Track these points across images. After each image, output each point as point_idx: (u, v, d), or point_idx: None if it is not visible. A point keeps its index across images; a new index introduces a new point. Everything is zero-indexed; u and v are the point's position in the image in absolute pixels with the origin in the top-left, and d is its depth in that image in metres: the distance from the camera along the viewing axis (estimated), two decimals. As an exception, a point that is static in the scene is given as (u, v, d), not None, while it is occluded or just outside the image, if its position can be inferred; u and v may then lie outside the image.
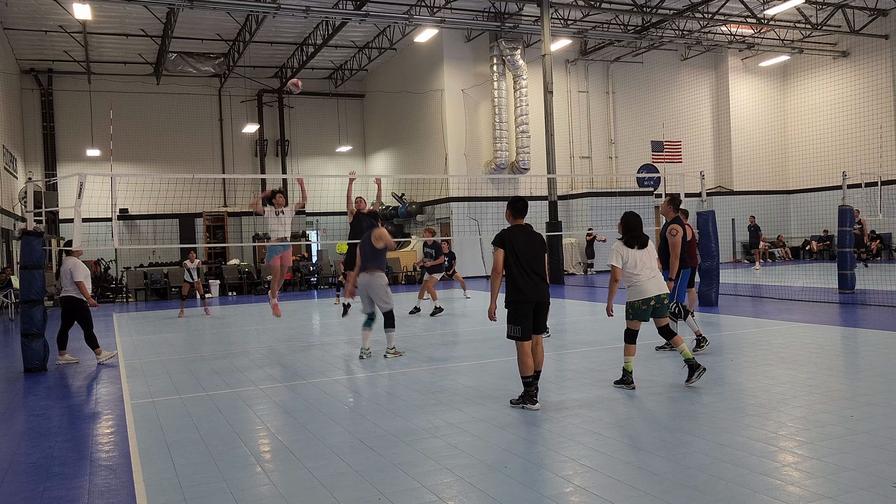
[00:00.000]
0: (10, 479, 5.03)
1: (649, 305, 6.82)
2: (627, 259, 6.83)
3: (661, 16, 23.05)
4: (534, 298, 6.22)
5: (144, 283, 22.92)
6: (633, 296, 6.89)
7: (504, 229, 6.43)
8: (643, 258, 6.85)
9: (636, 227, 6.93)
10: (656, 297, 6.83)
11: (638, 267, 6.82)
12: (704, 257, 14.20)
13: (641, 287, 6.82)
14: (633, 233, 6.91)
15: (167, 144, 28.99)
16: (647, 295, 6.80)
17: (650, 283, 6.82)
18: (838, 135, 27.69)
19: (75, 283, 9.80)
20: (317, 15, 20.08)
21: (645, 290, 6.81)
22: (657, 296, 6.83)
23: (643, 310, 6.84)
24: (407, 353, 9.64)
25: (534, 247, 6.29)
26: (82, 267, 9.91)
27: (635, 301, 6.85)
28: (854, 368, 7.52)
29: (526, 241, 6.27)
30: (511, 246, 6.21)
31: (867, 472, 4.39)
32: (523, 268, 6.21)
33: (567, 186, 27.40)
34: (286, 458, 5.21)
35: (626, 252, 6.84)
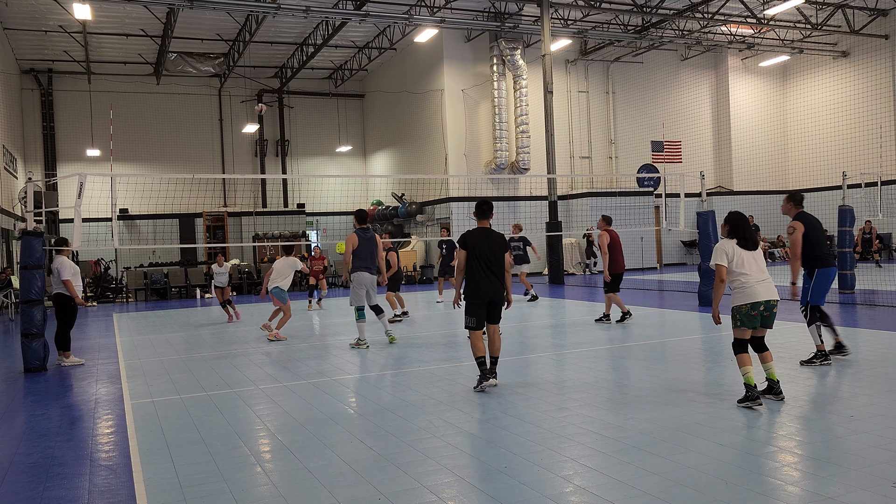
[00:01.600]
0: (10, 479, 5.03)
1: (759, 311, 6.08)
2: (734, 257, 6.12)
3: (661, 16, 23.06)
4: (488, 296, 6.87)
5: (144, 283, 22.93)
6: (739, 299, 6.13)
7: (467, 231, 7.05)
8: (751, 258, 6.16)
9: (745, 225, 6.22)
10: (766, 303, 6.08)
11: (746, 266, 6.11)
12: (704, 257, 14.22)
13: (750, 290, 6.07)
14: (741, 231, 6.20)
15: (167, 144, 28.99)
16: (757, 298, 6.05)
17: (760, 285, 6.08)
18: (838, 135, 27.69)
19: (63, 282, 9.79)
20: (317, 15, 20.08)
21: (754, 292, 6.06)
22: (767, 301, 6.09)
23: (752, 315, 6.08)
24: (407, 354, 9.65)
25: (493, 247, 6.87)
26: (69, 265, 9.87)
27: (742, 305, 6.10)
28: (854, 368, 7.52)
29: (486, 242, 6.86)
30: (472, 247, 6.83)
31: (867, 472, 4.39)
32: (481, 267, 6.85)
33: (567, 186, 27.40)
34: (286, 458, 5.21)
35: (731, 250, 6.14)
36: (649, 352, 9.05)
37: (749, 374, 6.02)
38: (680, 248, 29.10)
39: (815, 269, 7.87)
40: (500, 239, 6.99)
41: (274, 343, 11.28)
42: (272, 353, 10.29)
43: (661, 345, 9.60)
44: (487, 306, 6.96)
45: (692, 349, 9.18)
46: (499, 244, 6.96)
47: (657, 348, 9.34)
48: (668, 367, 8.00)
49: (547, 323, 12.55)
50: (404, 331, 12.08)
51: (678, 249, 29.06)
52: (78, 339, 13.16)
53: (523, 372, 7.96)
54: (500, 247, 6.96)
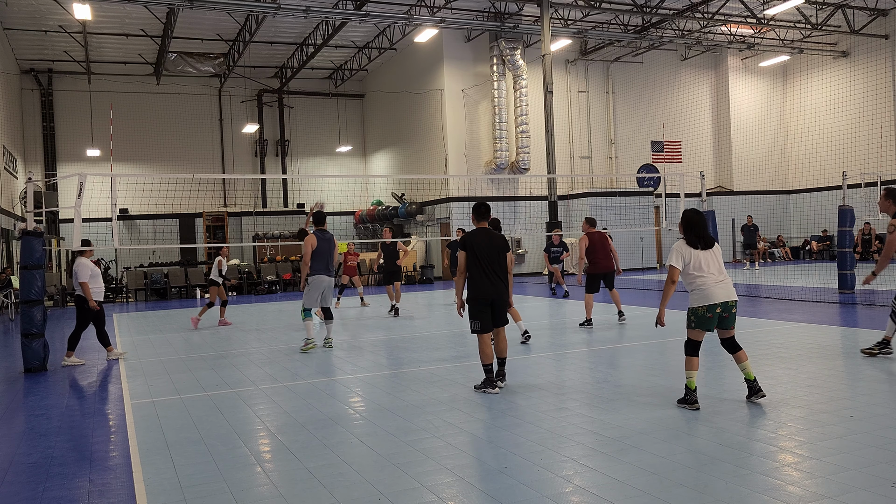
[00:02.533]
0: (10, 479, 5.03)
1: (715, 313, 6.06)
2: (690, 259, 6.10)
3: (661, 16, 23.06)
4: (490, 296, 6.80)
5: (144, 283, 22.94)
6: (695, 301, 6.11)
7: (467, 232, 7.11)
8: (708, 259, 6.13)
9: (700, 225, 6.22)
10: (723, 304, 6.07)
11: (703, 268, 6.08)
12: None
13: (707, 291, 6.04)
14: (695, 231, 6.19)
15: (167, 144, 28.99)
16: (713, 301, 6.03)
17: (717, 287, 6.05)
18: (838, 135, 27.69)
19: (79, 284, 9.80)
20: (317, 15, 20.08)
21: (711, 294, 6.04)
22: (724, 302, 6.07)
23: (708, 318, 6.07)
24: (408, 354, 9.65)
25: (493, 248, 6.83)
26: (87, 268, 9.87)
27: (698, 307, 6.09)
28: (854, 368, 7.52)
29: (486, 243, 6.82)
30: (472, 248, 6.80)
31: (867, 472, 4.39)
32: (482, 268, 6.80)
33: (567, 186, 27.40)
34: (286, 458, 5.21)
35: (688, 252, 6.13)
36: (649, 352, 9.06)
37: (692, 379, 6.11)
38: (680, 248, 29.05)
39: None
40: (500, 240, 6.97)
41: (274, 343, 11.28)
42: (272, 353, 10.29)
43: (660, 345, 9.60)
44: (492, 308, 6.89)
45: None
46: (499, 245, 6.95)
47: (657, 348, 9.34)
48: (668, 367, 8.00)
49: (546, 323, 12.55)
50: (405, 330, 12.09)
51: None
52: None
53: (523, 372, 7.96)
54: (501, 247, 6.94)
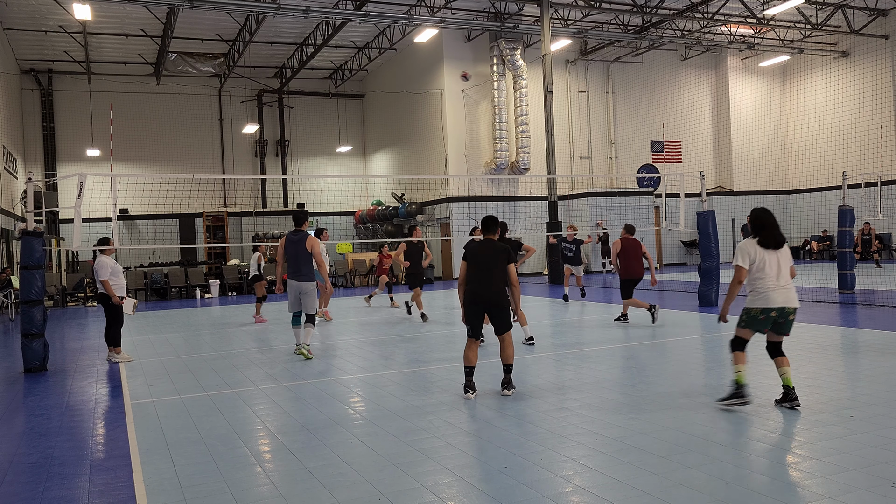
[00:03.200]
0: (10, 479, 5.03)
1: (769, 316, 5.87)
2: (755, 259, 5.91)
3: (661, 16, 23.06)
4: (482, 298, 6.79)
5: (144, 283, 22.93)
6: (752, 302, 5.96)
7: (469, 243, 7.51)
8: (774, 260, 5.90)
9: (771, 223, 5.98)
10: (779, 310, 5.85)
11: (765, 270, 5.88)
12: (704, 257, 14.22)
13: (765, 294, 5.87)
14: (768, 230, 5.95)
15: (167, 144, 28.99)
16: (770, 304, 5.84)
17: (776, 291, 5.84)
18: (838, 135, 27.69)
19: (101, 282, 9.83)
20: (317, 15, 20.08)
21: (769, 298, 5.85)
22: (781, 308, 5.85)
23: (760, 319, 5.90)
24: (408, 354, 9.65)
25: (490, 256, 6.86)
26: (107, 265, 9.89)
27: (753, 308, 5.94)
28: (854, 368, 7.53)
29: (485, 253, 6.89)
30: (473, 258, 6.93)
31: (867, 472, 4.39)
32: (478, 275, 6.85)
33: (567, 186, 27.40)
34: (286, 458, 5.21)
35: (754, 251, 5.92)
36: (649, 352, 9.06)
37: (741, 373, 5.96)
38: (680, 248, 29.11)
39: None
40: (501, 248, 6.90)
41: (274, 343, 11.28)
42: (272, 353, 10.29)
43: (661, 345, 9.61)
44: (487, 314, 6.85)
45: (692, 349, 9.19)
46: (499, 252, 6.86)
47: (657, 348, 9.34)
48: (668, 367, 8.00)
49: (547, 323, 12.55)
50: (405, 331, 12.08)
51: (678, 249, 29.07)
52: (78, 338, 13.17)
53: (523, 372, 7.96)
54: (501, 255, 6.85)
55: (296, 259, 9.48)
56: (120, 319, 10.06)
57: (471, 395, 6.79)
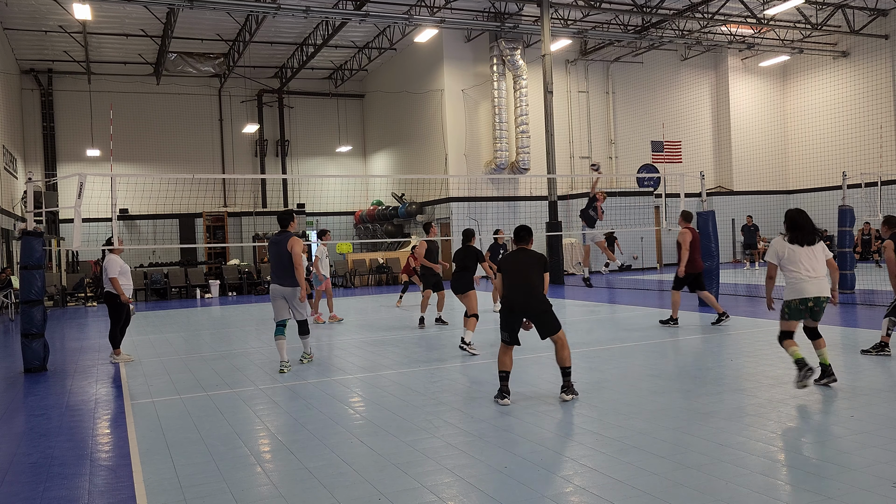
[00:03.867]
0: (10, 479, 5.03)
1: (807, 306, 6.54)
2: (784, 255, 6.58)
3: (661, 16, 23.06)
4: (515, 302, 6.69)
5: (144, 283, 22.93)
6: (789, 294, 6.60)
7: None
8: (805, 256, 6.54)
9: (804, 224, 6.62)
10: (815, 300, 6.52)
11: (797, 263, 6.53)
12: (704, 258, 14.20)
13: (800, 286, 6.51)
14: (800, 231, 6.61)
15: (167, 144, 28.99)
16: (805, 295, 6.49)
17: (810, 283, 6.49)
18: (838, 135, 27.69)
19: (109, 280, 9.84)
20: (317, 15, 20.08)
21: (803, 289, 6.50)
22: (816, 297, 6.52)
23: (800, 309, 6.56)
24: (408, 354, 9.64)
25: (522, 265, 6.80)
26: (116, 264, 9.90)
27: (792, 300, 6.57)
28: (854, 368, 7.52)
29: (518, 261, 6.84)
30: (506, 267, 6.91)
31: (867, 472, 4.39)
32: (510, 282, 6.79)
33: (567, 186, 27.40)
34: (286, 458, 5.21)
35: (784, 248, 6.59)
36: (649, 352, 9.06)
37: (797, 352, 6.43)
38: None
39: None
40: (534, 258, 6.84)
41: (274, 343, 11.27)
42: (272, 352, 10.29)
43: (660, 345, 9.61)
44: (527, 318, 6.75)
45: (692, 349, 9.19)
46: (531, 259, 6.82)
47: (656, 348, 9.34)
48: (668, 367, 8.00)
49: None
50: (405, 330, 12.08)
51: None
52: (78, 338, 13.17)
53: (523, 372, 7.96)
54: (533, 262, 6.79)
55: (279, 262, 8.74)
56: (121, 319, 10.04)
57: (507, 402, 6.50)
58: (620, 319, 12.65)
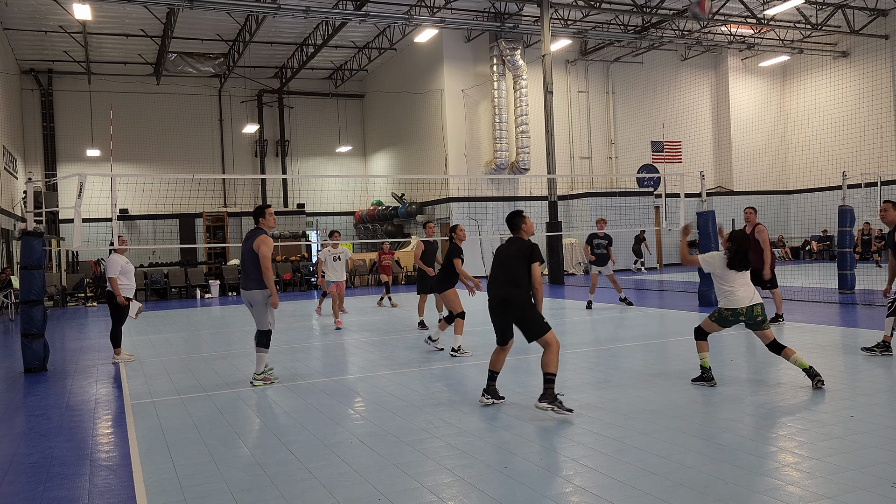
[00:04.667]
0: (10, 479, 5.03)
1: (738, 318, 6.69)
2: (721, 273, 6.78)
3: (661, 16, 23.06)
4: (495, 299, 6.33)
5: (144, 283, 22.93)
6: (723, 304, 6.79)
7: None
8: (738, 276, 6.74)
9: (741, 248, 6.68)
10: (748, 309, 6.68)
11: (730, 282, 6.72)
12: (704, 257, 14.18)
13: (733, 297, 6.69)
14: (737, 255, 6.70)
15: (167, 144, 29.00)
16: (738, 305, 6.67)
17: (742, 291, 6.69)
18: (838, 135, 27.69)
19: (108, 279, 9.86)
20: (317, 15, 20.08)
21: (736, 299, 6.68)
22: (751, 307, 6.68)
23: (729, 319, 6.75)
24: (408, 354, 9.64)
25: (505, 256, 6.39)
26: (117, 264, 9.92)
27: (725, 309, 6.77)
28: (854, 368, 7.52)
29: (503, 252, 6.46)
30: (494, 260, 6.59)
31: (867, 472, 4.39)
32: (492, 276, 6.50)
33: (567, 186, 27.40)
34: (286, 458, 5.21)
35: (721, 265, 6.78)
36: (650, 352, 9.05)
37: (705, 359, 6.93)
38: (680, 248, 29.07)
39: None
40: (519, 246, 6.34)
41: (274, 343, 11.27)
42: (272, 353, 10.28)
43: (661, 345, 9.60)
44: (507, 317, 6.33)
45: (692, 349, 9.18)
46: (516, 250, 6.32)
47: (657, 348, 9.34)
48: (669, 367, 8.00)
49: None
50: (405, 331, 12.08)
51: (678, 249, 29.05)
52: (78, 338, 13.17)
53: (523, 372, 7.96)
54: (517, 253, 6.30)
55: (243, 263, 7.81)
56: (120, 319, 10.05)
57: (486, 400, 6.41)
58: (621, 319, 12.65)
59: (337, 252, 13.06)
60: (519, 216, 6.57)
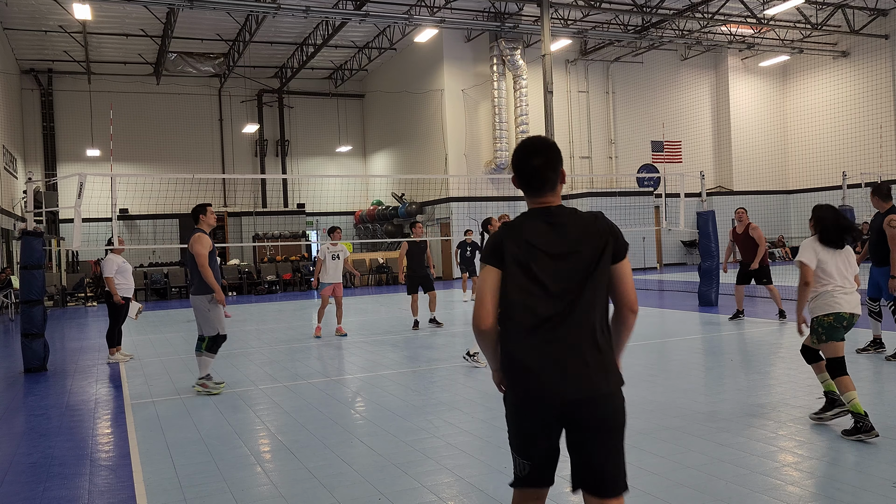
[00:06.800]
0: (10, 479, 5.03)
1: (842, 326, 5.21)
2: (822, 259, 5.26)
3: (661, 16, 23.05)
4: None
5: (144, 283, 22.93)
6: (818, 309, 5.28)
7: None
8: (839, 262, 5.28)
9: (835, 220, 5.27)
10: (849, 317, 5.22)
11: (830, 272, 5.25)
12: (704, 257, 14.21)
13: (831, 299, 5.22)
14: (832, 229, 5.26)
15: (167, 144, 28.99)
16: (840, 309, 5.20)
17: (845, 296, 5.23)
18: (838, 135, 27.69)
19: (105, 279, 9.87)
20: (317, 15, 20.06)
21: (836, 302, 5.21)
22: (851, 315, 5.23)
23: (836, 328, 5.20)
24: (408, 354, 9.64)
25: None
26: (113, 263, 9.92)
27: (824, 316, 5.24)
28: (854, 368, 7.51)
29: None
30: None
31: (867, 472, 4.39)
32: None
33: (567, 186, 27.40)
34: (286, 458, 5.21)
35: (821, 250, 5.26)
36: (649, 352, 9.05)
37: (855, 401, 5.01)
38: (680, 248, 29.10)
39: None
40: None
41: (274, 343, 11.27)
42: (272, 353, 10.29)
43: (660, 345, 9.60)
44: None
45: (692, 349, 9.19)
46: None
47: (657, 348, 9.34)
48: (668, 367, 8.00)
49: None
50: (404, 331, 12.08)
51: (678, 249, 29.07)
52: (78, 338, 13.17)
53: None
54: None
55: (188, 266, 7.46)
56: (119, 319, 10.06)
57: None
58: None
59: (336, 250, 12.07)
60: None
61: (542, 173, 2.70)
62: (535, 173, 2.71)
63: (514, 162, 2.81)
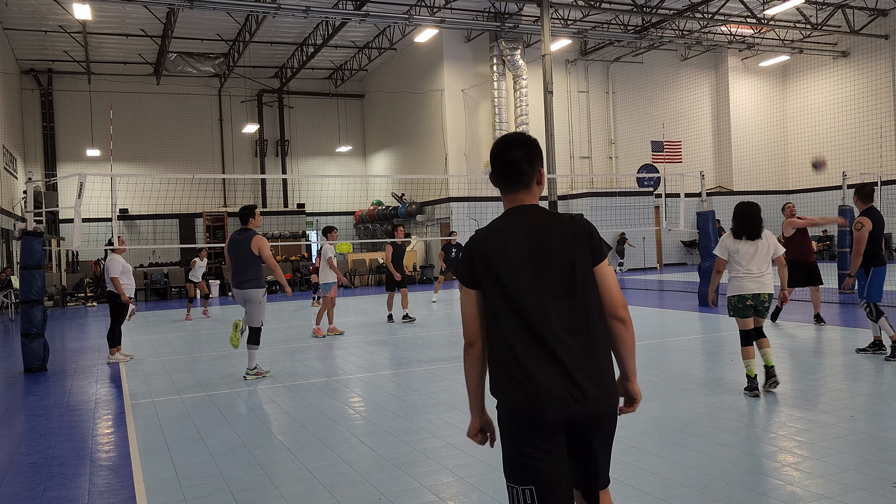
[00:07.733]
0: (10, 479, 5.03)
1: (745, 305, 6.44)
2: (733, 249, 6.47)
3: (661, 16, 23.05)
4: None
5: (144, 283, 22.93)
6: (730, 290, 6.51)
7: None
8: (749, 251, 6.41)
9: (747, 216, 6.45)
10: (754, 296, 6.42)
11: (740, 260, 6.42)
12: (704, 257, 14.22)
13: (739, 283, 6.44)
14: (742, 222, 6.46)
15: (167, 144, 28.99)
16: (744, 292, 6.40)
17: (751, 280, 6.39)
18: (838, 135, 27.68)
19: (110, 279, 9.87)
20: (317, 15, 20.06)
21: (742, 286, 6.41)
22: (756, 294, 6.41)
23: (739, 307, 6.46)
24: (408, 354, 9.64)
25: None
26: (118, 263, 9.95)
27: (732, 296, 6.51)
28: (854, 368, 7.52)
29: None
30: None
31: (867, 472, 4.39)
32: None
33: (567, 186, 27.40)
34: (286, 458, 5.21)
35: (731, 243, 6.50)
36: (649, 352, 9.05)
37: (751, 367, 6.50)
38: (680, 248, 29.10)
39: (871, 267, 7.85)
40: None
41: (274, 343, 11.27)
42: (272, 353, 10.29)
43: (660, 345, 9.60)
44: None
45: (692, 349, 9.19)
46: None
47: (657, 348, 9.34)
48: (668, 367, 8.00)
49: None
50: (404, 331, 12.08)
51: (678, 249, 29.06)
52: (78, 338, 13.17)
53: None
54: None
55: (237, 263, 8.19)
56: (120, 319, 10.08)
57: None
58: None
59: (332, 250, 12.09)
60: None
61: (519, 165, 2.65)
62: (511, 165, 2.67)
63: (491, 155, 2.73)
